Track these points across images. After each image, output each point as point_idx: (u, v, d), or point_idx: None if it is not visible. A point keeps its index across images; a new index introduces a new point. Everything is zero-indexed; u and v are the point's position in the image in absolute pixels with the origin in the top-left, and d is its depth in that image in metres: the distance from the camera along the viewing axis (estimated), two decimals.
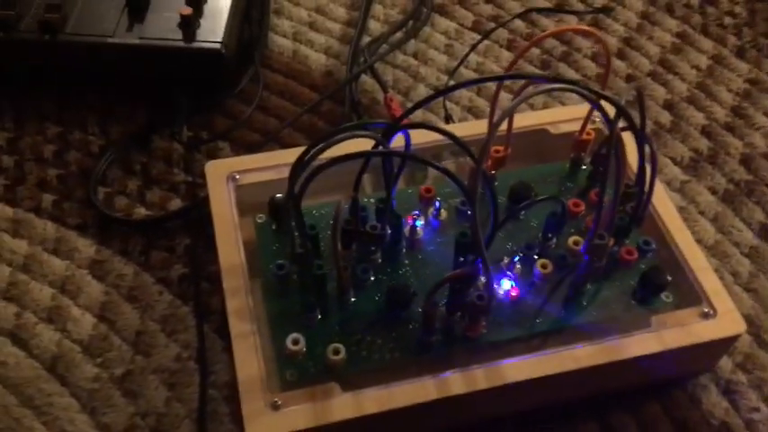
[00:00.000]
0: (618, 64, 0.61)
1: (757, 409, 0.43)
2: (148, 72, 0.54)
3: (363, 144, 0.38)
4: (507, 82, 0.55)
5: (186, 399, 0.42)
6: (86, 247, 0.48)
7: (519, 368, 0.39)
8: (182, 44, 0.52)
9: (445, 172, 0.33)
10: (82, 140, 0.53)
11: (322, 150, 0.34)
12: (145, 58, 0.53)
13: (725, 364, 0.45)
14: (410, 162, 0.48)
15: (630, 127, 0.35)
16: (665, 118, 0.57)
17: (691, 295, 0.42)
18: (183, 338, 0.44)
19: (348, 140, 0.35)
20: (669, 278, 0.42)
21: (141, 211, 0.50)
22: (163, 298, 0.46)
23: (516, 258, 0.43)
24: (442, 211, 0.45)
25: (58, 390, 0.42)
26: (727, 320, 0.41)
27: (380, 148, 0.36)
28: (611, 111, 0.35)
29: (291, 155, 0.47)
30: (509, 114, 0.32)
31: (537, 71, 0.59)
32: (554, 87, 0.33)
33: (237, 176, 0.46)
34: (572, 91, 0.33)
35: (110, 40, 0.53)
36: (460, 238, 0.39)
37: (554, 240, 0.44)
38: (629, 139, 0.39)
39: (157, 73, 0.54)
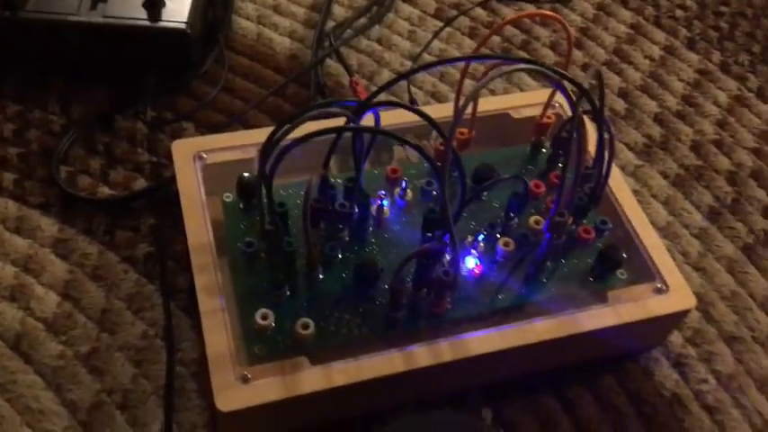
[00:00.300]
0: (575, 53, 0.63)
1: (705, 381, 0.45)
2: (112, 52, 0.54)
3: (332, 124, 0.38)
4: (470, 68, 0.56)
5: (153, 375, 0.42)
6: (49, 225, 0.47)
7: (482, 341, 0.40)
8: (146, 23, 0.52)
9: (417, 148, 0.34)
10: (43, 119, 0.53)
11: (294, 127, 0.35)
12: (108, 38, 0.53)
13: (675, 338, 0.47)
14: (376, 143, 0.49)
15: (591, 108, 0.37)
16: (620, 105, 0.59)
17: (644, 272, 0.44)
18: (149, 316, 0.44)
19: (317, 121, 0.36)
20: (624, 256, 0.44)
21: (105, 191, 0.50)
22: (128, 276, 0.46)
23: (480, 237, 0.44)
24: (408, 191, 0.46)
25: (22, 367, 0.42)
26: (678, 295, 0.43)
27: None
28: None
29: (258, 134, 0.48)
30: (477, 92, 0.33)
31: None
32: (521, 68, 0.35)
33: (204, 155, 0.47)
34: (537, 71, 0.35)
35: (72, 18, 0.52)
36: (429, 214, 0.40)
37: (516, 220, 0.46)
38: (587, 123, 0.41)
39: (121, 53, 0.54)
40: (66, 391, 0.41)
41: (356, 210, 0.43)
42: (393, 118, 0.49)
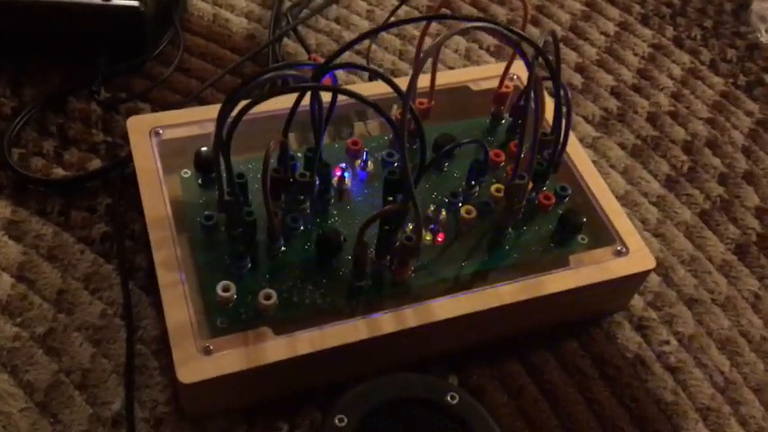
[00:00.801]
0: (531, 30, 0.64)
1: (667, 342, 0.46)
2: (63, 31, 0.53)
3: (291, 101, 0.38)
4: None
5: (113, 354, 0.41)
6: (1, 208, 0.46)
7: (446, 307, 0.40)
8: (99, 1, 0.51)
9: (374, 106, 0.34)
10: None
11: (251, 88, 0.34)
12: (60, 16, 0.51)
13: (637, 302, 0.47)
14: (336, 117, 0.48)
15: (547, 66, 0.37)
16: (577, 80, 0.60)
17: (604, 236, 0.45)
18: (107, 296, 0.43)
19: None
20: (584, 220, 0.44)
21: (59, 172, 0.48)
22: (85, 257, 0.45)
23: (442, 206, 0.44)
24: (369, 162, 0.46)
25: None
26: (638, 257, 0.44)
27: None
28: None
29: (215, 110, 0.46)
30: (435, 50, 0.33)
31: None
32: (477, 26, 0.35)
33: (161, 131, 0.46)
34: (493, 31, 0.35)
35: None
36: (389, 176, 0.40)
37: (477, 189, 0.46)
38: (544, 90, 0.41)
39: (73, 32, 0.53)
40: (22, 373, 0.40)
41: (317, 180, 0.43)
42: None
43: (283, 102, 0.41)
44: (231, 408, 0.40)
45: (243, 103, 0.35)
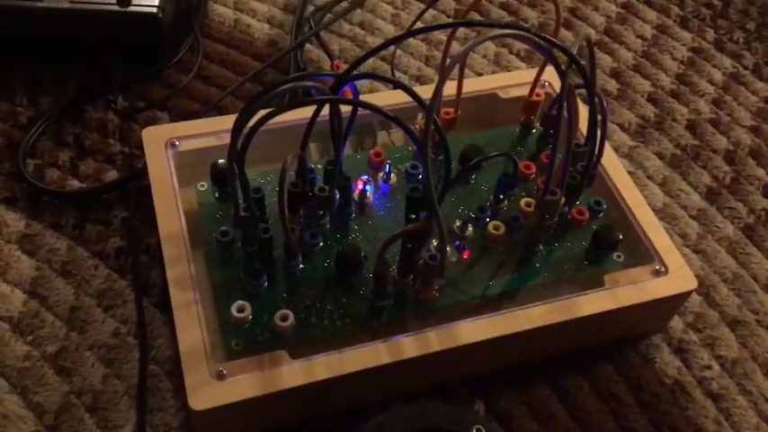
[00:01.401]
0: (564, 34, 0.61)
1: (709, 367, 0.43)
2: (80, 38, 0.51)
3: (311, 111, 0.36)
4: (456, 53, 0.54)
5: (125, 375, 0.40)
6: (15, 221, 0.45)
7: (472, 329, 0.38)
8: (116, 8, 0.50)
9: (396, 120, 0.32)
10: (9, 111, 0.50)
11: (266, 100, 0.33)
12: (76, 24, 0.50)
13: (676, 323, 0.45)
14: (359, 127, 0.47)
15: (581, 75, 0.34)
16: (612, 86, 0.57)
17: (642, 254, 0.42)
18: (120, 313, 0.42)
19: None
20: (620, 237, 0.42)
21: (74, 184, 0.47)
22: (99, 272, 0.43)
23: (469, 221, 0.42)
24: (392, 175, 0.44)
25: None
26: (678, 277, 0.41)
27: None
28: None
29: (233, 120, 0.45)
30: (464, 55, 0.31)
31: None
32: (506, 33, 0.32)
33: (177, 143, 0.44)
34: (523, 38, 0.32)
35: (39, 4, 0.50)
36: (412, 193, 0.38)
37: (506, 203, 0.43)
38: (577, 99, 0.38)
39: (90, 39, 0.51)
40: (32, 394, 0.39)
41: (337, 195, 0.41)
42: (377, 101, 0.46)
43: (304, 111, 0.39)
44: None
45: (260, 113, 0.33)
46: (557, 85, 0.49)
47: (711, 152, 0.54)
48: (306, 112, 0.37)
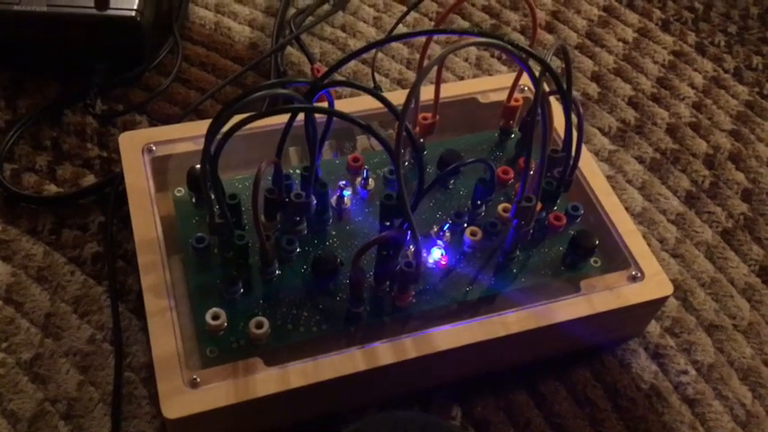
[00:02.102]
0: (546, 37, 0.61)
1: (685, 372, 0.43)
2: (58, 42, 0.51)
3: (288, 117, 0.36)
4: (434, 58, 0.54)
5: (100, 382, 0.39)
6: None
7: (449, 336, 0.38)
8: (93, 11, 0.49)
9: (367, 128, 0.32)
10: None
11: (239, 108, 0.32)
12: (54, 27, 0.50)
13: (653, 328, 0.45)
14: (337, 131, 0.46)
15: (555, 83, 0.34)
16: (593, 90, 0.57)
17: (618, 259, 0.42)
18: (96, 319, 0.42)
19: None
20: (597, 242, 0.42)
21: (52, 189, 0.47)
22: (75, 278, 0.43)
23: (446, 227, 0.42)
24: (370, 180, 0.44)
25: None
26: (654, 283, 0.41)
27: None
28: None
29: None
30: (438, 63, 0.31)
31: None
32: (480, 41, 0.32)
33: (153, 148, 0.44)
34: (497, 46, 0.32)
35: (16, 7, 0.49)
36: (385, 201, 0.38)
37: (483, 208, 0.43)
38: (555, 104, 0.39)
39: (68, 43, 0.51)
40: (6, 402, 0.38)
41: (314, 200, 0.41)
42: (352, 106, 0.47)
43: (283, 117, 0.39)
44: None
45: (235, 119, 0.33)
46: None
47: (691, 156, 0.54)
48: (284, 118, 0.37)
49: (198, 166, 0.42)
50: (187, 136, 0.45)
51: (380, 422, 0.33)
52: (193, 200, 0.43)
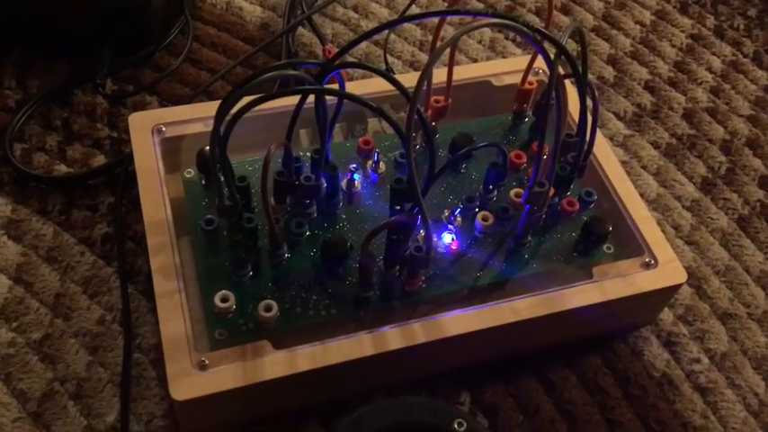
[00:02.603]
0: (562, 19, 0.60)
1: (698, 360, 0.43)
2: (69, 22, 0.51)
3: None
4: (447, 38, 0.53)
5: (109, 363, 0.39)
6: (1, 206, 0.45)
7: (458, 321, 0.38)
8: None
9: (378, 111, 0.31)
10: None
11: (250, 88, 0.32)
12: (64, 7, 0.50)
13: (666, 316, 0.44)
14: (348, 113, 0.46)
15: (570, 66, 0.34)
16: (609, 73, 0.56)
17: (632, 246, 0.42)
18: (106, 301, 0.42)
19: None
20: (610, 228, 0.41)
21: (62, 169, 0.47)
22: (85, 259, 0.43)
23: (457, 211, 0.42)
24: (381, 163, 0.43)
25: None
26: (668, 270, 0.41)
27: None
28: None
29: None
30: (451, 44, 0.30)
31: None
32: (494, 23, 0.32)
33: (163, 128, 0.44)
34: (511, 28, 0.32)
35: None
36: (395, 185, 0.38)
37: (495, 193, 0.43)
38: (570, 87, 0.38)
39: (78, 23, 0.51)
40: (15, 381, 0.38)
41: (324, 183, 0.40)
42: (367, 87, 0.46)
43: (295, 99, 0.38)
44: (229, 423, 0.38)
45: (245, 100, 0.32)
46: None
47: (708, 142, 0.53)
48: (296, 99, 0.37)
49: (207, 147, 0.41)
50: (197, 117, 0.44)
51: (387, 408, 0.32)
52: (203, 181, 0.42)
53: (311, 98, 0.36)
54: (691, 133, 0.53)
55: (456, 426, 0.32)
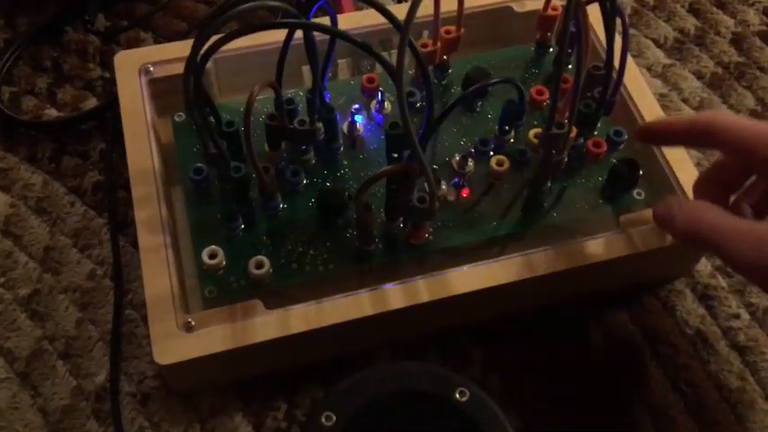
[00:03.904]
0: None
1: (737, 316, 0.39)
2: None
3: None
4: None
5: (100, 320, 0.37)
6: None
7: (469, 278, 0.34)
8: None
9: (363, 47, 0.27)
10: None
11: (228, 17, 0.28)
12: None
13: (703, 267, 0.40)
14: (351, 49, 0.42)
15: None
16: None
17: (665, 190, 0.37)
18: (97, 254, 0.39)
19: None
20: (641, 171, 0.37)
21: (52, 113, 0.44)
22: (75, 209, 0.41)
23: (469, 155, 0.38)
24: (386, 103, 0.40)
25: None
26: None
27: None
28: None
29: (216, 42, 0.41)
30: None
31: None
32: None
33: (151, 68, 0.40)
34: None
35: None
36: (391, 130, 0.34)
37: (512, 134, 0.39)
38: (596, 11, 0.33)
39: None
40: (2, 339, 0.37)
41: (319, 126, 0.37)
42: (370, 19, 0.42)
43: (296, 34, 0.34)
44: (221, 383, 0.36)
45: (215, 38, 0.29)
46: None
47: (758, 70, 0.47)
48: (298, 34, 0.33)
49: None
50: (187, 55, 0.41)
51: (385, 374, 0.30)
52: (194, 126, 0.39)
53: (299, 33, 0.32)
54: (739, 61, 0.48)
55: (458, 395, 0.29)
